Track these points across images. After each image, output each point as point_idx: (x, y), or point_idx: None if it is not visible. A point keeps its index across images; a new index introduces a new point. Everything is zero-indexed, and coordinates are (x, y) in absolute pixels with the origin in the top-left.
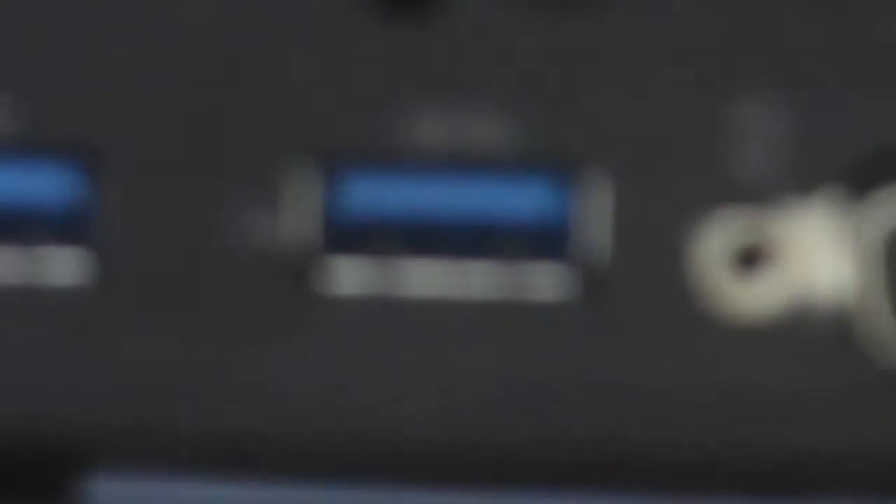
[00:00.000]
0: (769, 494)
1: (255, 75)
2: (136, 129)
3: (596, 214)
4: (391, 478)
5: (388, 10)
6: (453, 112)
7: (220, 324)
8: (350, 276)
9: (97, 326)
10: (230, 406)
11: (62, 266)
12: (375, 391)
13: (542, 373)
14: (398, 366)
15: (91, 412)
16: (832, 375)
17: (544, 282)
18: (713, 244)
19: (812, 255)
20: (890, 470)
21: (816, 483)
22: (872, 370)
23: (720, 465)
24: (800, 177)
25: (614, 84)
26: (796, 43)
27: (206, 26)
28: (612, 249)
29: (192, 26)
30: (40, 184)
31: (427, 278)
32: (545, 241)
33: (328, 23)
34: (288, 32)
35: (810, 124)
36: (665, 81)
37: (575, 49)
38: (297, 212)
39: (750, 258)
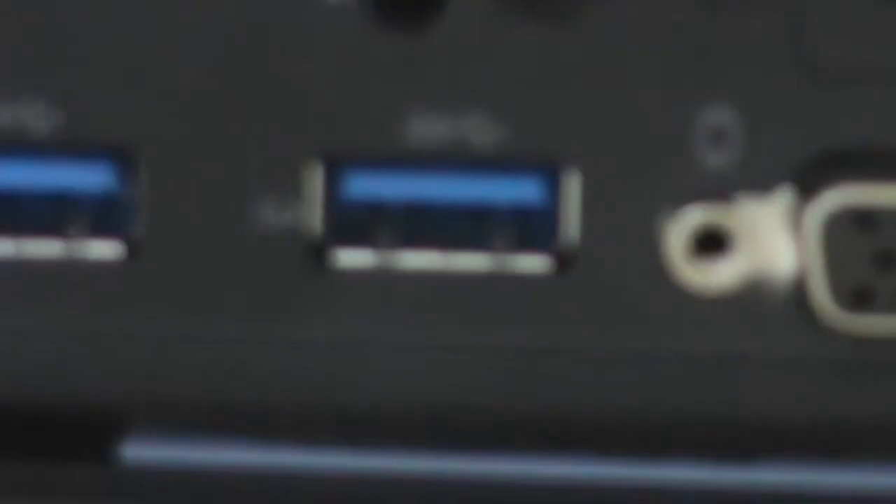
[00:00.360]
0: (727, 452)
1: (273, 83)
2: (165, 131)
3: (573, 205)
4: (389, 434)
5: (388, 23)
6: (445, 113)
7: (240, 301)
8: (354, 260)
9: (130, 304)
10: (249, 373)
11: (100, 250)
12: (377, 358)
13: (522, 342)
14: (396, 335)
15: (125, 382)
16: (782, 343)
17: (526, 264)
18: (679, 230)
19: (764, 240)
20: (831, 427)
21: (768, 440)
22: (816, 337)
23: (683, 425)
24: (754, 173)
25: (591, 89)
26: (753, 55)
27: (229, 42)
28: (589, 235)
29: (216, 42)
30: (82, 178)
31: (421, 261)
32: (528, 228)
33: (334, 34)
34: (299, 44)
35: (763, 128)
36: (636, 88)
37: (557, 58)
38: (308, 203)
39: (710, 242)
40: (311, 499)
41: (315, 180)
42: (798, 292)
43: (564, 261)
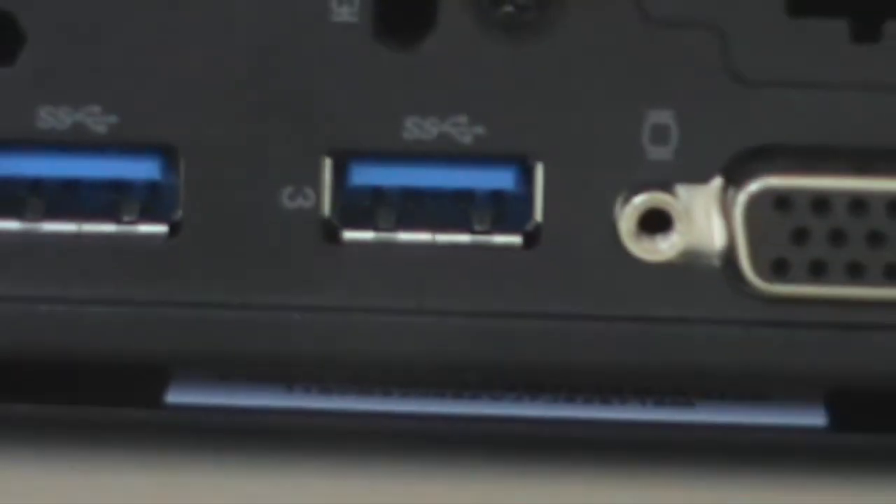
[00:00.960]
0: (668, 395)
1: (290, 90)
2: (201, 131)
3: (540, 192)
4: (387, 380)
5: (387, 39)
6: (434, 115)
7: (264, 271)
8: (358, 237)
9: (172, 275)
10: (271, 331)
11: (147, 230)
12: (377, 318)
13: (498, 305)
14: (393, 299)
15: (168, 339)
16: (713, 305)
17: (501, 240)
18: (628, 212)
19: (698, 221)
20: (752, 374)
21: (701, 384)
22: (741, 301)
23: (632, 373)
24: (689, 165)
25: (556, 96)
26: (688, 66)
27: (253, 57)
28: (552, 217)
29: (243, 57)
30: (133, 171)
31: (414, 238)
32: (502, 211)
33: (341, 49)
34: (312, 57)
35: (697, 128)
36: (592, 95)
37: (527, 70)
38: (320, 190)
39: (654, 222)
40: (323, 433)
41: (325, 172)
42: (726, 263)
43: (532, 238)
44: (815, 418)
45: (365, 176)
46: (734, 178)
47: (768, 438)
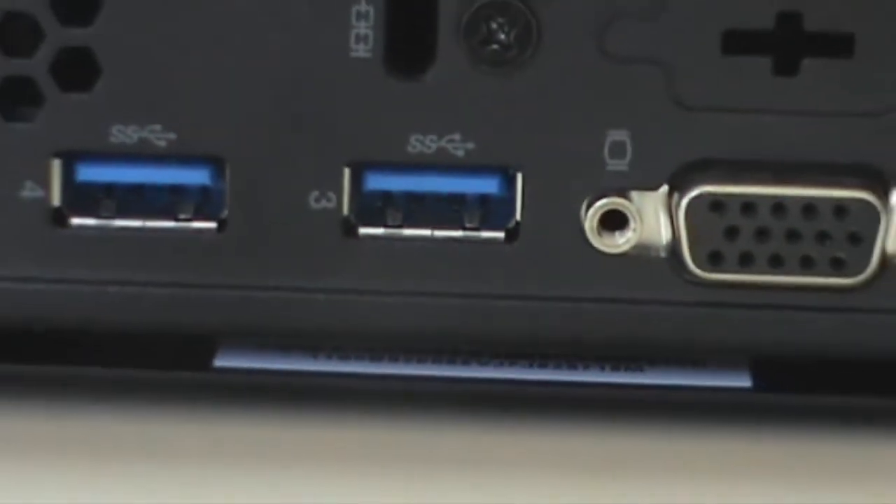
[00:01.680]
0: (623, 362)
1: (316, 112)
2: (243, 146)
3: (520, 196)
4: (394, 350)
5: (395, 71)
6: (433, 133)
7: (295, 260)
8: (371, 233)
9: (219, 263)
10: (300, 308)
11: (199, 226)
12: (387, 299)
13: (485, 289)
14: (399, 284)
15: (216, 315)
16: (661, 289)
17: (487, 236)
18: (592, 213)
19: (648, 220)
20: (692, 346)
21: (649, 354)
22: (683, 286)
23: (594, 344)
24: (642, 175)
25: (533, 118)
26: (641, 94)
27: (285, 84)
28: (530, 217)
29: (278, 84)
30: (187, 177)
31: (416, 234)
32: (490, 211)
33: (357, 77)
34: (334, 84)
35: (648, 145)
36: (563, 117)
37: (510, 97)
38: (340, 194)
39: (613, 221)
40: (341, 391)
41: (344, 179)
42: (671, 255)
43: (513, 233)
44: (741, 381)
45: (377, 182)
46: (677, 186)
47: (704, 397)
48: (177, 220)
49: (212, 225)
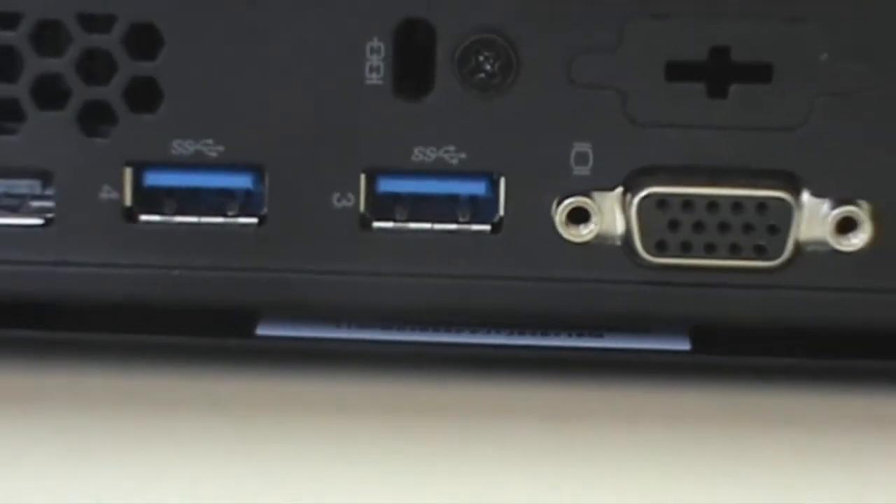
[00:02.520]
0: (582, 329)
1: (337, 128)
2: (280, 157)
3: (503, 197)
4: (403, 320)
5: (401, 95)
6: (432, 145)
7: (322, 249)
8: (383, 227)
9: (260, 252)
10: (326, 288)
11: (243, 222)
12: (396, 280)
13: (474, 271)
14: (406, 268)
15: (257, 292)
16: (617, 270)
17: (476, 228)
18: (561, 209)
19: (607, 215)
20: (641, 317)
21: (604, 323)
22: (635, 268)
23: (559, 315)
24: (602, 179)
25: (514, 134)
26: (601, 112)
27: (311, 104)
28: (511, 214)
29: (306, 105)
30: (234, 182)
31: (419, 227)
32: (478, 208)
33: (371, 100)
34: (352, 105)
35: (607, 155)
36: (538, 132)
37: (494, 117)
38: (358, 196)
39: (579, 216)
40: (360, 354)
41: (361, 183)
42: (625, 243)
43: (497, 226)
44: (682, 345)
45: (388, 186)
46: (630, 188)
47: (652, 358)
48: (225, 216)
49: (253, 220)
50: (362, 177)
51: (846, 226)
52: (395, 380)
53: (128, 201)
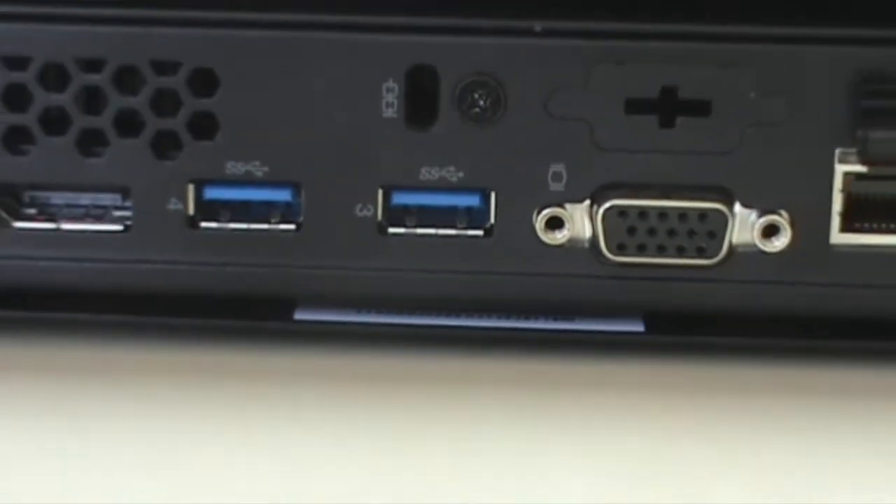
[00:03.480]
0: (561, 314)
1: (357, 154)
2: (313, 175)
3: (493, 208)
4: (415, 306)
5: (412, 126)
6: (436, 166)
7: (346, 248)
8: (396, 232)
9: (296, 252)
10: (350, 280)
11: (283, 227)
12: (408, 274)
13: (469, 267)
14: (416, 265)
15: (296, 284)
16: (585, 267)
17: (471, 233)
18: (540, 218)
19: (577, 223)
20: (604, 303)
21: (572, 305)
22: (600, 265)
23: (539, 302)
24: (574, 192)
25: (502, 157)
26: (572, 140)
27: (335, 134)
28: (500, 221)
29: (331, 135)
30: (276, 196)
31: (426, 232)
32: (473, 217)
33: (386, 130)
34: (370, 134)
35: (578, 174)
36: (522, 155)
37: (487, 143)
38: (375, 207)
39: (554, 224)
40: (379, 335)
41: (379, 196)
42: (592, 246)
43: (489, 231)
44: (637, 327)
45: (401, 199)
46: (596, 200)
47: (612, 338)
48: (269, 223)
49: (292, 227)
50: (380, 191)
51: (770, 231)
52: (405, 354)
53: (191, 211)
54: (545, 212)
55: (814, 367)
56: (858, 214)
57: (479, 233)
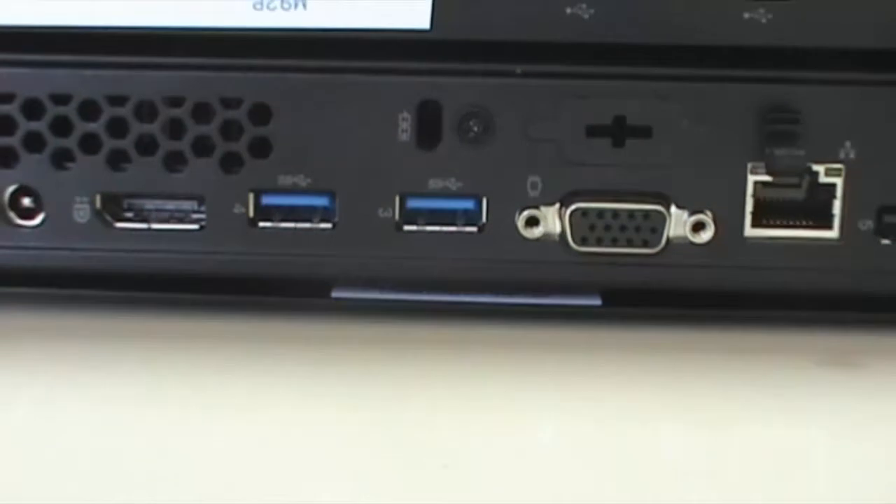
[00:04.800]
0: (537, 292)
1: (376, 171)
2: (346, 186)
3: (485, 211)
4: (428, 286)
5: (423, 148)
6: (441, 178)
7: (372, 243)
8: (410, 230)
9: (333, 245)
10: (375, 266)
11: (323, 226)
12: (422, 262)
13: (466, 256)
14: (426, 257)
15: (333, 269)
16: (555, 257)
17: (467, 230)
18: (521, 219)
19: (551, 221)
20: (571, 284)
21: (550, 288)
22: (568, 255)
23: (519, 284)
24: (548, 198)
25: (494, 173)
26: (547, 158)
27: (357, 156)
28: (491, 221)
29: (352, 156)
30: (317, 202)
31: (433, 230)
32: (469, 217)
33: (401, 152)
34: (388, 155)
35: (552, 184)
36: (511, 171)
37: (482, 160)
38: (394, 212)
39: (532, 221)
40: (397, 310)
41: (396, 202)
42: (560, 239)
43: (481, 229)
44: (595, 301)
45: (414, 204)
46: (564, 203)
47: (574, 310)
48: (311, 223)
49: (329, 225)
50: (397, 198)
51: (698, 227)
52: (417, 323)
53: (251, 214)
54: (525, 213)
55: (732, 332)
56: (765, 214)
57: (474, 230)
